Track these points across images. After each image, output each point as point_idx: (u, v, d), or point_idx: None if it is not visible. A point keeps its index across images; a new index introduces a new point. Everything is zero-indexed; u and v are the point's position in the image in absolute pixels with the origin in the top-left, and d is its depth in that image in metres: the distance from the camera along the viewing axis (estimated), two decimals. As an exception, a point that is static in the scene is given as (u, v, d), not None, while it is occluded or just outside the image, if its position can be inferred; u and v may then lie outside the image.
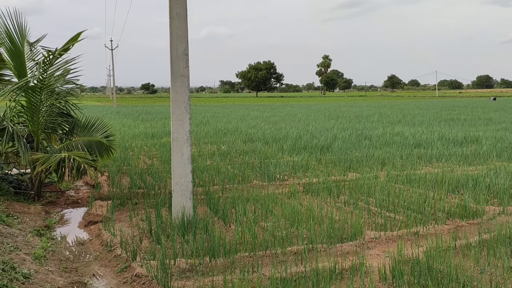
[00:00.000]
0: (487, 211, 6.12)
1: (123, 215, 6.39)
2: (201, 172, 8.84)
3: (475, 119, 23.20)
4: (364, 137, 14.66)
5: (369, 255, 4.72)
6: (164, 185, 7.78)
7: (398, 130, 16.90)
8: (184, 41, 5.51)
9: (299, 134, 15.30)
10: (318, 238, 5.11)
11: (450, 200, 6.65)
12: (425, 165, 9.80)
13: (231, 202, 6.63)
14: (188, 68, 5.57)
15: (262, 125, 20.25)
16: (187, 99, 5.61)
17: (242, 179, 8.36)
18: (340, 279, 4.15)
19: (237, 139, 14.53)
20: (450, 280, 3.88)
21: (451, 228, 5.53)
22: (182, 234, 5.28)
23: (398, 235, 5.28)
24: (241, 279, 4.01)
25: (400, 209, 6.30)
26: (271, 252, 4.74)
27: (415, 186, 7.58)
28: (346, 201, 6.81)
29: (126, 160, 10.37)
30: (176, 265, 4.41)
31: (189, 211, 5.68)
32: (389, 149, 11.96)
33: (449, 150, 11.57)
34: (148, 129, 18.19)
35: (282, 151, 11.82)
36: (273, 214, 6.11)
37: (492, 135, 14.71)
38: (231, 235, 5.32)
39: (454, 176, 8.05)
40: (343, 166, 9.52)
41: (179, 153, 5.65)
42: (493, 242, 4.81)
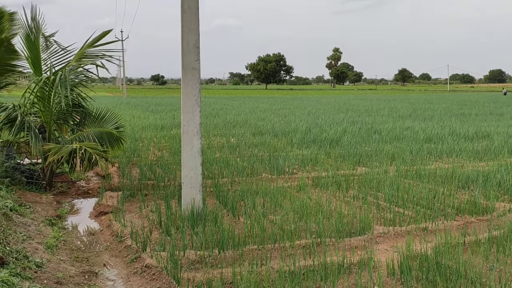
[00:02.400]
0: (497, 208, 6.09)
1: (133, 206, 6.46)
2: (210, 165, 8.88)
3: (487, 114, 22.97)
4: (374, 131, 14.59)
5: (378, 250, 4.74)
6: (173, 177, 7.84)
7: (408, 124, 16.79)
8: (195, 34, 5.52)
9: (308, 128, 15.26)
10: (327, 232, 5.13)
11: (459, 196, 6.63)
12: (435, 160, 9.74)
13: (240, 195, 6.67)
14: (199, 61, 5.58)
15: (271, 117, 20.23)
16: (197, 92, 5.63)
17: (251, 172, 8.39)
18: (348, 274, 4.17)
19: (246, 132, 14.54)
20: (459, 276, 3.88)
21: (460, 224, 5.51)
22: (192, 226, 5.33)
23: (407, 231, 5.28)
24: (249, 271, 4.04)
25: (409, 204, 6.29)
26: (279, 245, 4.77)
27: (424, 181, 7.54)
28: (355, 195, 6.81)
29: (136, 152, 10.45)
30: (186, 257, 4.46)
31: (199, 204, 5.73)
32: (399, 143, 11.90)
33: (459, 145, 11.48)
34: (158, 120, 18.26)
35: (291, 144, 11.82)
36: (282, 207, 6.14)
37: (504, 131, 14.56)
38: (240, 228, 5.35)
39: (465, 172, 8.00)
40: (352, 160, 9.50)
41: (189, 146, 5.68)
42: (503, 239, 4.79)
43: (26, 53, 7.54)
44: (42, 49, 7.67)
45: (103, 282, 4.26)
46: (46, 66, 7.71)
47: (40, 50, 7.60)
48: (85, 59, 7.57)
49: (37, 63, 7.58)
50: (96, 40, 7.49)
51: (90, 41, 7.54)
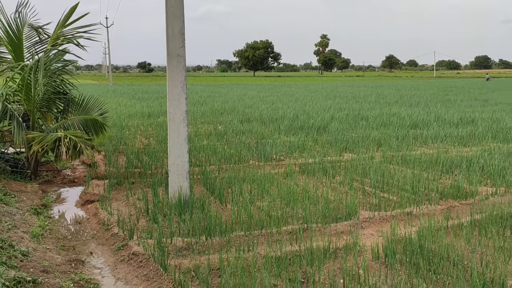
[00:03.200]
0: (480, 192, 6.20)
1: (119, 194, 6.44)
2: (197, 152, 8.86)
3: (472, 100, 23.22)
4: (361, 117, 14.68)
5: (363, 235, 4.80)
6: (160, 164, 7.81)
7: (395, 110, 16.92)
8: (180, 20, 5.46)
9: (296, 114, 15.29)
10: (313, 218, 5.18)
11: (444, 181, 6.72)
12: (420, 146, 9.85)
13: (228, 182, 6.68)
14: (185, 48, 5.53)
15: (259, 104, 20.21)
16: (183, 78, 5.59)
17: (239, 159, 8.40)
18: (334, 258, 4.23)
19: (234, 119, 14.51)
20: (441, 259, 3.96)
21: (444, 208, 5.60)
22: (179, 214, 5.34)
23: (392, 215, 5.35)
24: (236, 257, 4.08)
25: (394, 189, 6.37)
26: (266, 231, 4.81)
27: (410, 166, 7.64)
28: (341, 181, 6.87)
29: (123, 140, 10.38)
30: (173, 244, 4.48)
31: (186, 191, 5.73)
32: (385, 130, 12.00)
33: (444, 131, 11.61)
34: (145, 108, 18.13)
35: (278, 131, 11.84)
36: (269, 194, 6.17)
37: (488, 116, 14.76)
38: (227, 215, 5.38)
39: (449, 157, 8.11)
40: (339, 146, 9.56)
41: (175, 133, 5.66)
42: (484, 222, 4.89)
43: (5, 41, 7.37)
44: (27, 37, 7.51)
45: (89, 270, 4.26)
46: (30, 54, 7.57)
47: (22, 38, 7.42)
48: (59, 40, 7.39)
49: (18, 51, 7.41)
50: (67, 17, 7.30)
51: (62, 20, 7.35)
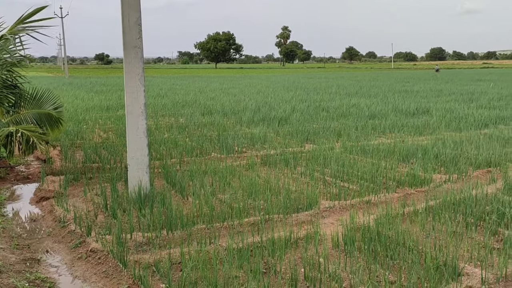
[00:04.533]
0: (434, 179, 6.43)
1: (77, 190, 6.25)
2: (158, 146, 8.73)
3: (427, 90, 24.01)
4: (322, 108, 14.89)
5: (324, 224, 4.88)
6: (120, 159, 7.64)
7: (354, 101, 17.26)
8: (136, 11, 5.32)
9: (258, 106, 15.32)
10: (275, 209, 5.22)
11: (400, 169, 6.93)
12: (378, 136, 10.11)
13: (189, 175, 6.62)
14: (141, 39, 5.40)
15: (221, 97, 20.11)
16: (141, 71, 5.47)
17: (200, 152, 8.34)
18: (295, 248, 4.28)
19: (196, 112, 14.38)
20: (397, 244, 4.09)
21: (400, 196, 5.78)
22: (139, 208, 5.25)
23: (351, 204, 5.47)
24: (198, 250, 4.05)
25: (354, 178, 6.50)
26: (228, 223, 4.81)
27: (368, 156, 7.82)
28: (302, 172, 6.95)
29: (80, 134, 10.07)
30: (133, 239, 4.40)
31: (146, 185, 5.63)
32: (345, 120, 12.22)
33: (401, 121, 11.96)
34: (103, 101, 17.65)
35: (240, 123, 11.83)
36: (231, 186, 6.16)
37: (442, 107, 15.32)
38: (188, 208, 5.33)
39: (405, 146, 8.36)
40: (300, 137, 9.67)
41: (134, 127, 5.54)
42: (438, 209, 5.09)
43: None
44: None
45: (46, 269, 4.12)
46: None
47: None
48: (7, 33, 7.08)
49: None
50: (29, 15, 7.05)
51: (23, 17, 7.08)
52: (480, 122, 11.60)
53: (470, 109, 14.47)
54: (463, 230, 4.58)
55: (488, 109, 14.53)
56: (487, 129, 10.68)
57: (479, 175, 6.68)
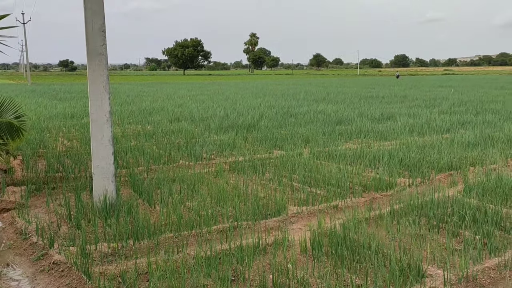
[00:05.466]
0: (399, 183, 6.59)
1: (39, 201, 6.06)
2: (124, 154, 8.58)
3: (392, 96, 24.63)
4: (290, 115, 15.02)
5: (292, 230, 4.92)
6: (85, 168, 7.46)
7: (322, 107, 17.50)
8: (100, 17, 5.24)
9: (226, 113, 15.32)
10: (243, 216, 5.22)
11: (366, 174, 7.06)
12: (345, 141, 10.27)
13: (157, 183, 6.54)
14: (106, 46, 5.32)
15: (189, 104, 19.99)
16: (105, 78, 5.37)
17: (168, 159, 8.25)
18: (263, 254, 4.29)
19: (163, 119, 14.23)
20: (364, 248, 4.17)
21: (366, 200, 5.89)
22: (105, 218, 5.13)
23: (319, 209, 5.53)
24: (165, 260, 4.00)
25: (321, 184, 6.58)
26: (196, 231, 4.76)
27: (335, 161, 7.94)
28: (271, 178, 6.98)
29: (43, 142, 9.78)
30: (98, 250, 4.30)
31: (112, 194, 5.52)
32: (313, 126, 12.37)
33: (367, 126, 12.21)
34: (67, 109, 17.22)
35: (209, 130, 11.79)
36: (199, 193, 6.12)
37: (406, 112, 15.74)
38: (156, 217, 5.26)
39: (371, 151, 8.54)
40: (268, 144, 9.71)
41: (99, 135, 5.43)
42: (402, 212, 5.22)
43: None
44: None
45: (6, 283, 3.96)
46: None
47: None
48: None
49: None
50: None
51: None
52: (442, 127, 11.98)
53: (432, 114, 14.92)
54: (426, 233, 4.71)
55: (449, 114, 15.03)
56: (448, 134, 11.04)
57: (441, 179, 6.89)
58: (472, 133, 10.74)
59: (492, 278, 3.75)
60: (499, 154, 8.39)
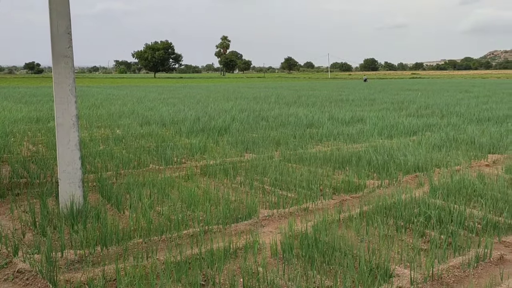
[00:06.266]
0: (368, 185, 6.71)
1: (3, 207, 5.86)
2: (93, 158, 8.40)
3: (362, 99, 25.07)
4: (261, 118, 15.07)
5: (263, 233, 4.93)
6: (51, 173, 7.26)
7: (293, 111, 17.64)
8: (66, 19, 5.12)
9: (198, 116, 15.23)
10: (214, 220, 5.19)
11: (336, 176, 7.16)
12: (316, 144, 10.39)
13: (126, 188, 6.43)
14: (72, 48, 5.20)
15: (159, 107, 19.78)
16: (72, 81, 5.26)
17: (138, 163, 8.13)
18: (234, 258, 4.28)
19: (133, 122, 14.03)
20: (334, 250, 4.21)
21: (336, 202, 5.96)
22: (71, 225, 5.01)
23: (290, 212, 5.56)
24: (134, 266, 3.93)
25: (292, 187, 6.62)
26: (166, 236, 4.71)
27: (306, 164, 8.01)
28: (242, 181, 6.98)
29: (6, 147, 9.46)
30: (64, 257, 4.19)
31: (79, 200, 5.40)
32: (284, 129, 12.45)
33: (337, 129, 12.38)
34: (33, 112, 16.75)
35: (180, 134, 11.70)
36: (169, 198, 6.06)
37: (375, 115, 16.05)
38: (125, 222, 5.17)
39: (341, 154, 8.66)
40: (240, 147, 9.71)
41: (65, 139, 5.30)
42: (371, 213, 5.31)
43: None
44: None
45: (-34, 295, 3.81)
46: None
47: None
48: None
49: None
50: None
51: None
52: (409, 130, 12.28)
53: (400, 117, 15.27)
54: (394, 233, 4.81)
55: (416, 117, 15.42)
56: (415, 136, 11.32)
57: (408, 180, 7.05)
58: (437, 136, 11.04)
59: (456, 276, 3.86)
60: (462, 156, 8.66)
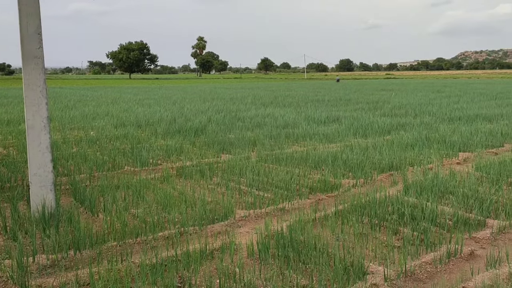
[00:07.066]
0: (343, 184, 6.78)
1: (-29, 213, 5.68)
2: (66, 161, 8.24)
3: (337, 100, 25.34)
4: (238, 118, 15.06)
5: (239, 233, 4.93)
6: (22, 176, 7.09)
7: (269, 111, 17.69)
8: (36, 19, 5.01)
9: (174, 117, 15.12)
10: (190, 221, 5.16)
11: (312, 176, 7.21)
12: (292, 144, 10.44)
13: (100, 190, 6.33)
14: (42, 49, 5.09)
15: (135, 108, 19.54)
16: (42, 82, 5.14)
17: (113, 166, 8.01)
18: (210, 259, 4.26)
19: (108, 124, 13.81)
20: (309, 249, 4.25)
21: (312, 202, 6.01)
22: (43, 229, 4.90)
23: (266, 212, 5.58)
24: (108, 269, 3.87)
25: (268, 187, 6.65)
26: (141, 239, 4.66)
27: (283, 164, 8.04)
28: (218, 182, 6.96)
29: (-25, 151, 9.19)
30: (36, 262, 4.09)
31: (51, 203, 5.28)
32: (260, 130, 12.47)
33: (313, 129, 12.48)
34: (3, 114, 16.31)
35: (155, 135, 11.58)
36: (145, 200, 5.99)
37: (350, 115, 16.25)
38: (99, 225, 5.09)
39: (317, 154, 8.73)
40: (216, 148, 9.68)
41: (36, 142, 5.19)
42: (346, 212, 5.37)
43: None
44: None
45: None
46: None
47: None
48: None
49: None
50: None
51: None
52: (384, 129, 12.48)
53: (375, 117, 15.50)
54: (369, 231, 4.88)
55: (390, 117, 15.68)
56: (389, 136, 11.51)
57: (383, 179, 7.17)
58: (411, 135, 11.26)
59: (428, 272, 3.95)
60: (435, 154, 8.86)
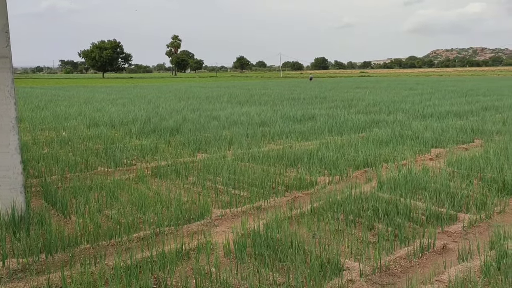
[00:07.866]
0: (319, 182, 6.83)
1: None
2: (36, 162, 8.03)
3: (313, 98, 25.53)
4: (213, 117, 14.99)
5: (216, 233, 4.90)
6: (-10, 179, 6.86)
7: (245, 110, 17.67)
8: (2, 17, 4.85)
9: (148, 117, 14.94)
10: (166, 221, 5.10)
11: (288, 174, 7.24)
12: (268, 142, 10.46)
13: (72, 192, 6.19)
14: (10, 48, 4.93)
15: (108, 108, 19.21)
16: (10, 82, 4.98)
17: (85, 166, 7.85)
18: (187, 259, 4.22)
19: (80, 124, 13.54)
20: (286, 247, 4.26)
21: (289, 199, 6.03)
22: (13, 232, 4.76)
23: (243, 211, 5.56)
24: (81, 272, 3.79)
25: (245, 185, 6.63)
26: (116, 240, 4.58)
27: (259, 162, 8.04)
28: (194, 182, 6.90)
29: None
30: (6, 267, 3.97)
31: (21, 206, 5.13)
32: (236, 128, 12.44)
33: (289, 127, 12.53)
34: (-29, 115, 15.76)
35: (130, 135, 11.41)
36: (119, 201, 5.89)
37: (326, 113, 16.39)
38: (71, 227, 4.98)
39: (293, 151, 8.77)
40: (192, 147, 9.61)
41: (4, 143, 5.03)
42: (322, 209, 5.41)
43: None
44: None
45: None
46: None
47: None
48: None
49: None
50: None
51: None
52: (359, 126, 12.63)
53: (350, 115, 15.68)
54: (344, 228, 4.93)
55: (365, 114, 15.89)
56: (364, 133, 11.66)
57: (358, 175, 7.25)
58: (385, 132, 11.43)
59: (402, 266, 4.01)
60: (408, 151, 9.02)
